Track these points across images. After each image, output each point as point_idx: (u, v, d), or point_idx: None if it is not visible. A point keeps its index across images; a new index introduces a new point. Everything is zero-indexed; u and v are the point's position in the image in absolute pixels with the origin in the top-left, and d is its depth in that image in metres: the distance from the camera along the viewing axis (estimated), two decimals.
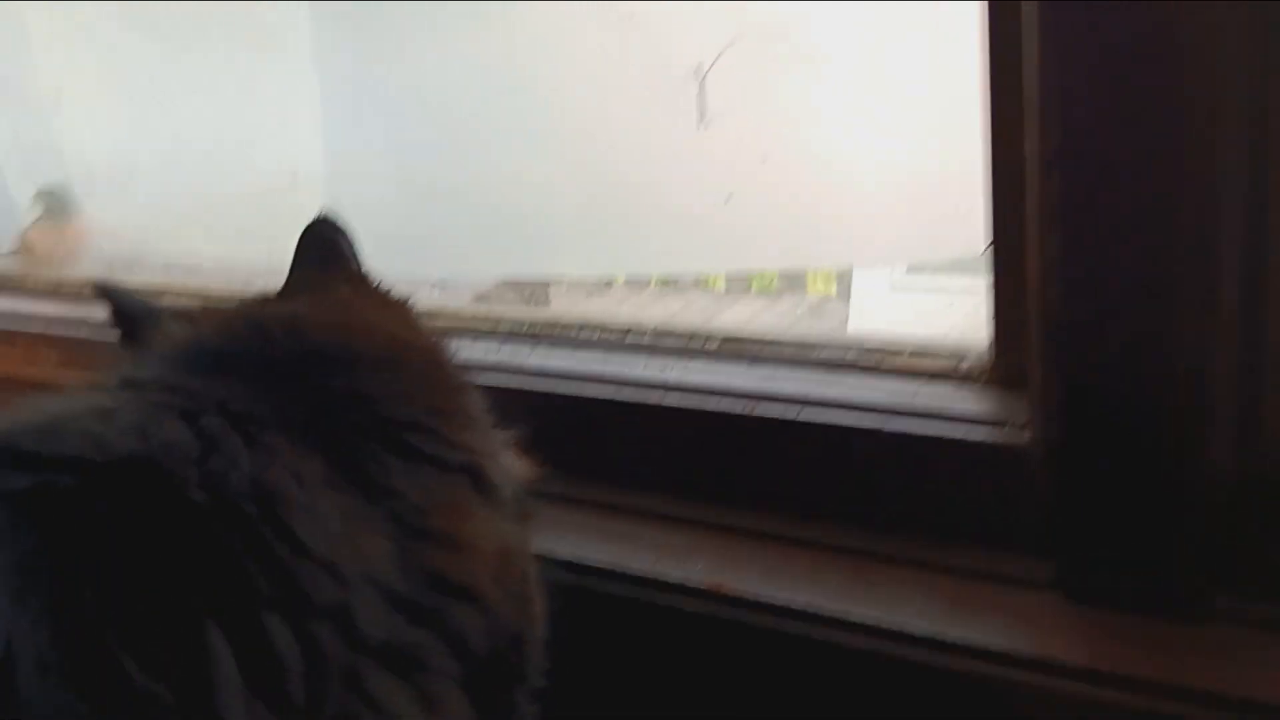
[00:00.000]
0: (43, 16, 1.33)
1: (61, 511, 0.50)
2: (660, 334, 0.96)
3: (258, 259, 1.45)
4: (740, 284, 1.24)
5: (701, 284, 1.30)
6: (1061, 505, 0.68)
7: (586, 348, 0.97)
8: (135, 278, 1.47)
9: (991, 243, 0.77)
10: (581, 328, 1.00)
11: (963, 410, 0.76)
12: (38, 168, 1.43)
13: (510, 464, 0.72)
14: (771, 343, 0.91)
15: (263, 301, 0.73)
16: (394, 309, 0.77)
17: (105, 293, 0.76)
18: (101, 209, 1.47)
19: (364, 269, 0.79)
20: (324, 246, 0.76)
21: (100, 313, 0.76)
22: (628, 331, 0.97)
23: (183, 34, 1.29)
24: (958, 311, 0.91)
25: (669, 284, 1.32)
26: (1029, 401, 0.72)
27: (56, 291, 1.30)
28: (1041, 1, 0.62)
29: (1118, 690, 0.64)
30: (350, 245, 0.77)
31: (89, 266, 1.52)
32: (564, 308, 1.30)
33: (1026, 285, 0.71)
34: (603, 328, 0.99)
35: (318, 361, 0.65)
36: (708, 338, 0.94)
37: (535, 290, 1.33)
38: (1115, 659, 0.64)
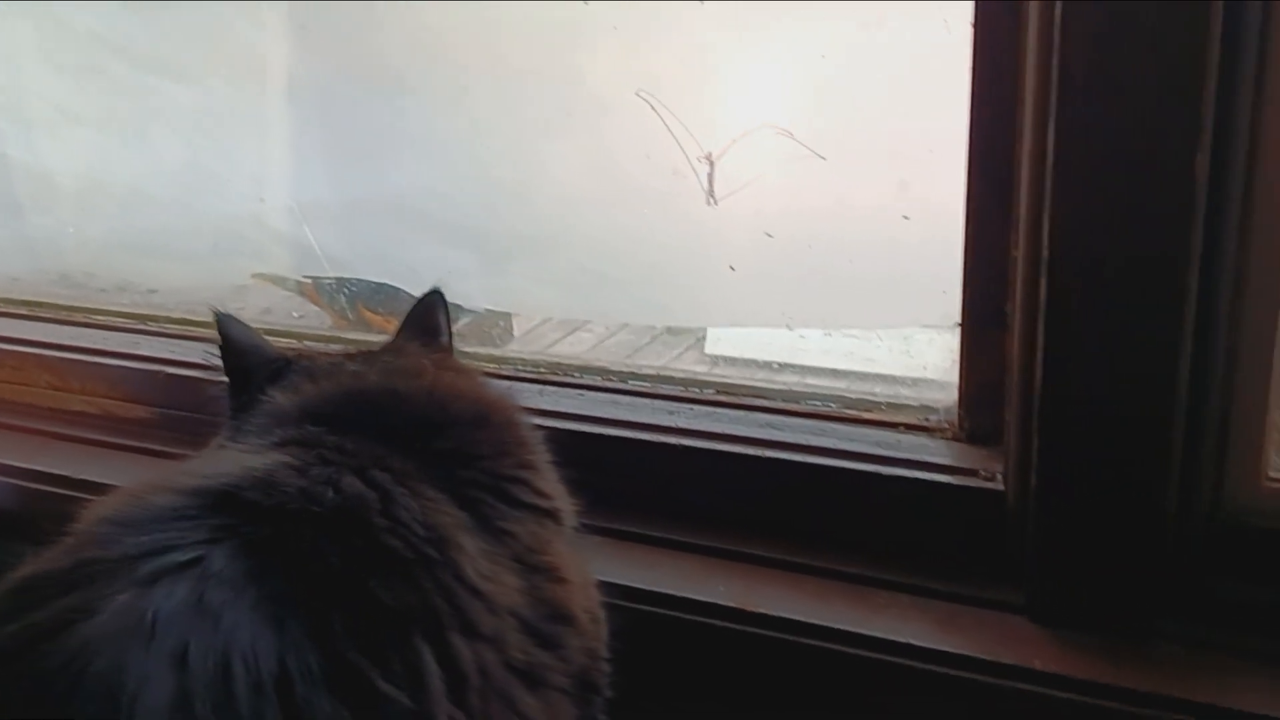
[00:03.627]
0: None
1: (299, 553, 0.61)
2: (659, 379, 1.09)
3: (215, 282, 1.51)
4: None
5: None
6: (1032, 543, 0.84)
7: (591, 390, 1.09)
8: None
9: (962, 321, 0.93)
10: (583, 371, 1.12)
11: (942, 461, 0.92)
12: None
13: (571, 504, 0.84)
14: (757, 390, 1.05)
15: (371, 360, 0.84)
16: (470, 374, 0.90)
17: (221, 325, 0.85)
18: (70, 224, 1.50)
19: (451, 339, 0.92)
20: (427, 317, 0.90)
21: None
22: (628, 376, 1.10)
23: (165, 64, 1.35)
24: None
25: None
26: (1004, 456, 0.88)
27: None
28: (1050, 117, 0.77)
29: (1074, 692, 0.80)
30: (447, 317, 0.91)
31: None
32: (526, 345, 1.40)
33: (1005, 363, 0.88)
34: (604, 371, 1.12)
35: (430, 424, 0.77)
36: (703, 385, 1.07)
37: (499, 322, 1.42)
38: (1073, 667, 0.81)
